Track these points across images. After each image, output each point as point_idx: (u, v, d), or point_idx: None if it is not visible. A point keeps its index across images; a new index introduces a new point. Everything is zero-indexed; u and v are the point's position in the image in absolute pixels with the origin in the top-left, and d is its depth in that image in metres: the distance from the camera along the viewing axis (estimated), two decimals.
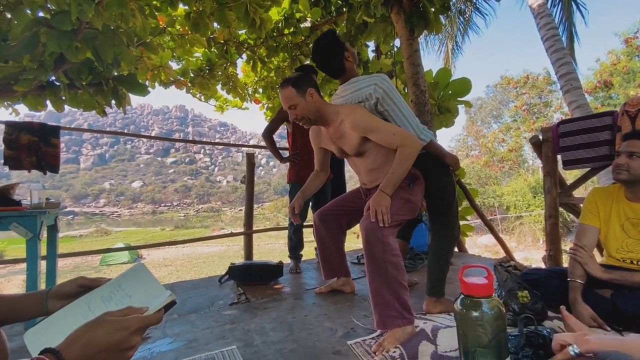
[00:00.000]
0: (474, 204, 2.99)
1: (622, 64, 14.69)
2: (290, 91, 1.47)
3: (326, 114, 1.51)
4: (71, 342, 0.48)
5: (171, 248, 17.56)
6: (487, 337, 0.47)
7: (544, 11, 6.30)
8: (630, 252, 1.39)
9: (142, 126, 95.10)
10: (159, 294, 0.64)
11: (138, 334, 0.53)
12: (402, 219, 1.42)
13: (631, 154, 1.32)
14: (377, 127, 1.40)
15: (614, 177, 1.39)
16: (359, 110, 1.45)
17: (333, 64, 1.59)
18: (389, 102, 1.45)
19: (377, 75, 1.50)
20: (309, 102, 1.48)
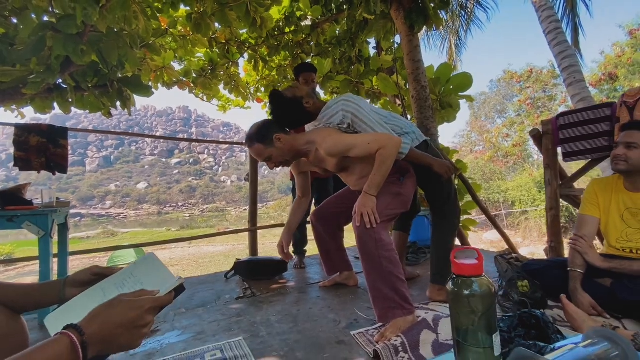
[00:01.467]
0: (477, 199, 3.00)
1: (626, 56, 14.51)
2: (258, 147, 1.46)
3: (300, 147, 1.50)
4: (90, 319, 0.52)
5: (177, 248, 17.72)
6: (478, 313, 0.50)
7: (545, 4, 6.26)
8: (630, 241, 1.41)
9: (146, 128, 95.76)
10: (169, 279, 0.68)
11: (151, 313, 0.56)
12: (394, 213, 1.45)
13: (629, 144, 1.33)
14: (352, 145, 1.37)
15: (613, 168, 1.41)
16: (328, 137, 1.41)
17: (299, 117, 1.55)
18: (359, 124, 1.43)
19: (340, 101, 1.47)
20: (280, 147, 1.46)
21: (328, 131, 1.46)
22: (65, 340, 0.47)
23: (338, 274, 1.99)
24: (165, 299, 0.60)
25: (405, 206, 1.49)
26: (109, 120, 71.90)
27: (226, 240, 19.71)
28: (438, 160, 1.55)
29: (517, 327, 0.71)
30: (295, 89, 1.56)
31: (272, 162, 1.50)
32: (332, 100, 1.52)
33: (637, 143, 1.32)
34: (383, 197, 1.39)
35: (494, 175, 17.66)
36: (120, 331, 0.52)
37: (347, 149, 1.37)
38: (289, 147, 1.48)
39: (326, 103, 1.54)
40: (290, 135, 1.50)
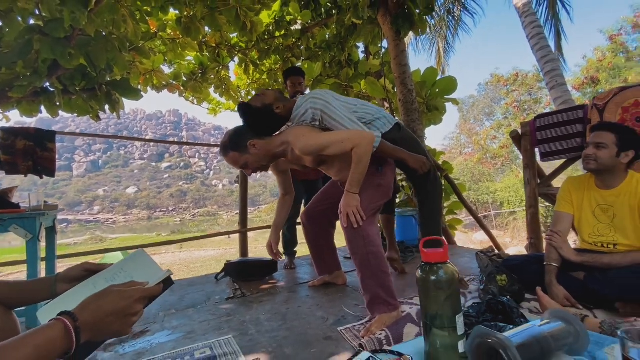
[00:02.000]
0: (463, 199, 3.08)
1: (607, 60, 14.98)
2: (233, 155, 1.46)
3: (275, 150, 1.50)
4: (83, 307, 0.55)
5: (168, 253, 17.49)
6: (443, 297, 0.55)
7: (528, 10, 6.45)
8: (601, 236, 1.48)
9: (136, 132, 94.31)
10: (158, 273, 0.71)
11: (140, 303, 0.60)
12: (378, 205, 1.49)
13: (598, 144, 1.41)
14: (325, 145, 1.37)
15: (584, 167, 1.48)
16: (302, 137, 1.42)
17: (273, 123, 1.54)
18: (329, 120, 1.44)
19: (309, 99, 1.48)
20: (255, 153, 1.46)
21: (301, 130, 1.46)
22: (59, 326, 0.50)
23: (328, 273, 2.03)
24: (155, 290, 0.64)
25: (388, 195, 1.54)
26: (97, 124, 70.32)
27: (218, 244, 19.55)
28: (413, 155, 1.54)
29: (485, 313, 0.76)
30: (263, 96, 1.55)
31: (249, 168, 1.50)
32: (301, 99, 1.52)
33: (606, 143, 1.40)
34: (365, 192, 1.42)
35: (483, 176, 17.96)
36: (111, 319, 0.55)
37: (321, 149, 1.38)
38: (264, 152, 1.48)
39: (296, 102, 1.54)
40: (264, 139, 1.49)
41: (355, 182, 1.37)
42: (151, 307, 1.77)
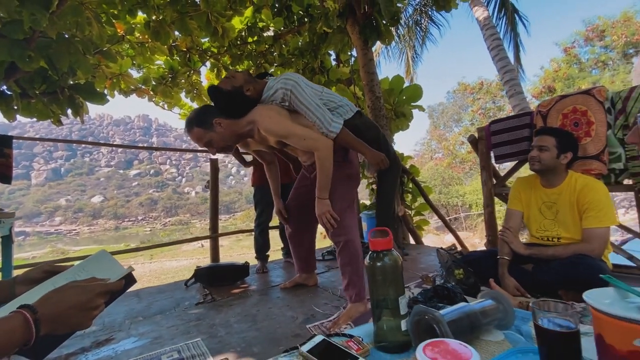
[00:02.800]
0: (429, 200, 3.23)
1: (562, 70, 16.22)
2: (197, 132, 1.45)
3: (242, 130, 1.50)
4: (43, 301, 0.56)
5: (137, 264, 16.69)
6: (387, 280, 0.61)
7: (488, 23, 6.89)
8: (547, 230, 1.63)
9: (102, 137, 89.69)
10: (120, 270, 0.72)
11: (101, 297, 0.61)
12: (352, 195, 1.58)
13: (541, 147, 1.55)
14: (288, 133, 1.42)
15: (530, 168, 1.63)
16: (267, 117, 1.44)
17: (244, 105, 1.53)
18: (297, 103, 1.46)
19: (280, 79, 1.49)
20: (220, 132, 1.46)
21: (268, 110, 1.47)
22: (19, 317, 0.51)
23: (298, 275, 2.07)
24: (116, 285, 0.65)
25: (358, 181, 1.62)
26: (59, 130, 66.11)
27: (191, 254, 18.93)
28: (371, 150, 1.56)
29: (432, 298, 0.84)
30: (232, 78, 1.55)
31: (213, 147, 1.48)
32: (272, 80, 1.53)
33: (547, 146, 1.54)
34: (337, 186, 1.49)
35: (453, 180, 18.69)
36: (72, 312, 0.57)
37: (283, 136, 1.42)
38: (230, 131, 1.47)
39: (266, 83, 1.56)
40: (230, 119, 1.49)
41: (322, 187, 1.44)
42: (116, 315, 1.73)
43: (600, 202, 1.44)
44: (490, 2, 8.17)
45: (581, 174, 1.56)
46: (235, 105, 1.51)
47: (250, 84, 1.55)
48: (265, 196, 2.59)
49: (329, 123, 1.44)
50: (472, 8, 7.71)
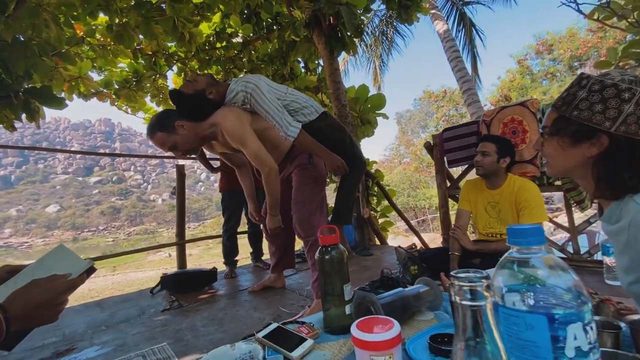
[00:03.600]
0: (392, 203, 3.40)
1: (517, 81, 17.46)
2: (160, 136, 1.44)
3: (205, 132, 1.50)
4: (11, 300, 0.59)
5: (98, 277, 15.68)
6: (334, 270, 0.69)
7: (448, 36, 7.34)
8: (492, 228, 1.80)
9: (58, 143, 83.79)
10: (80, 264, 0.75)
11: (66, 294, 0.65)
12: (320, 197, 1.65)
13: (483, 153, 1.73)
14: (243, 144, 1.45)
15: (476, 172, 1.80)
16: (228, 119, 1.45)
17: (206, 109, 1.53)
18: (257, 106, 1.47)
19: (241, 82, 1.50)
20: (183, 134, 1.45)
21: (230, 111, 1.48)
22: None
23: (267, 277, 2.11)
24: (78, 280, 0.69)
25: (324, 183, 1.69)
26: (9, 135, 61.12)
27: (157, 264, 18.07)
28: (330, 155, 1.55)
29: (378, 288, 0.93)
30: (194, 82, 1.54)
31: (178, 150, 1.48)
32: (234, 82, 1.54)
33: (489, 151, 1.72)
34: (305, 189, 1.58)
35: (420, 183, 19.43)
36: (40, 310, 0.61)
37: (238, 143, 1.45)
38: (193, 134, 1.48)
39: (229, 85, 1.57)
40: (192, 121, 1.49)
41: (272, 206, 1.57)
42: (78, 325, 1.69)
43: (533, 201, 1.63)
44: (450, 16, 8.71)
45: (518, 177, 1.76)
46: (197, 108, 1.52)
47: (212, 87, 1.56)
48: (233, 201, 2.62)
49: (287, 127, 1.45)
50: (433, 22, 8.18)
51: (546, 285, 0.28)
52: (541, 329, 0.27)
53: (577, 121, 0.66)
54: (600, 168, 0.67)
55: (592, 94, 0.64)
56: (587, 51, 14.73)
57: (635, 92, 0.61)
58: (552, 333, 0.26)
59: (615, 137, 0.63)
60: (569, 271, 0.30)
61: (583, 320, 0.26)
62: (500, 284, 0.32)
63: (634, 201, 0.62)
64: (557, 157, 0.73)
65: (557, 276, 0.29)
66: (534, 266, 0.30)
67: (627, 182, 0.63)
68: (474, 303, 0.26)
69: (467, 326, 0.26)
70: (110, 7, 3.01)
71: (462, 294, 0.27)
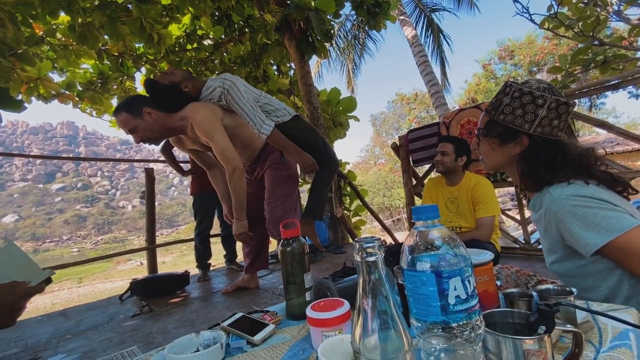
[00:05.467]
0: (364, 202, 3.51)
1: (482, 84, 18.36)
2: (124, 116, 1.43)
3: (173, 125, 1.50)
4: None
5: (62, 290, 14.74)
6: (295, 261, 0.75)
7: (416, 41, 7.64)
8: (451, 222, 1.93)
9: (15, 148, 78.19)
10: (36, 272, 0.76)
11: (25, 300, 0.68)
12: (294, 196, 1.69)
13: (442, 152, 1.85)
14: (212, 139, 1.46)
15: (436, 170, 1.92)
16: (199, 112, 1.45)
17: (179, 101, 1.53)
18: (233, 103, 1.50)
19: (219, 78, 1.54)
20: (148, 121, 1.44)
21: (202, 106, 1.48)
22: None
23: (241, 278, 2.13)
24: (38, 287, 0.72)
25: (297, 181, 1.72)
26: None
27: (128, 273, 17.30)
28: (302, 154, 1.60)
29: (340, 277, 1.00)
30: (171, 74, 1.55)
31: (138, 134, 1.46)
32: (211, 79, 1.57)
33: (447, 151, 1.85)
34: (278, 188, 1.61)
35: (395, 183, 19.92)
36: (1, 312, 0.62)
37: (207, 136, 1.46)
38: (160, 124, 1.47)
39: (205, 82, 1.60)
40: (164, 112, 1.48)
41: (237, 209, 1.54)
42: (41, 335, 1.64)
43: (487, 196, 1.77)
44: (418, 22, 9.06)
45: (474, 174, 1.89)
46: (169, 99, 1.52)
47: (188, 81, 1.57)
48: (205, 204, 2.61)
49: (261, 125, 1.48)
50: (402, 27, 8.48)
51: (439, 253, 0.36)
52: (431, 283, 0.34)
53: (502, 124, 0.76)
54: (523, 164, 0.77)
55: (513, 100, 0.75)
56: (544, 57, 15.79)
57: (547, 98, 0.71)
58: (439, 287, 0.34)
59: (533, 138, 0.74)
60: (457, 242, 0.38)
61: (462, 275, 0.34)
62: (407, 253, 0.39)
63: (549, 192, 0.73)
64: (489, 155, 0.83)
65: (448, 245, 0.37)
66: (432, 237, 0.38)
67: (543, 176, 0.74)
68: (369, 259, 0.34)
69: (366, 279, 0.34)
70: (72, 6, 2.91)
71: (361, 254, 0.35)
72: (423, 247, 0.37)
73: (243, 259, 2.13)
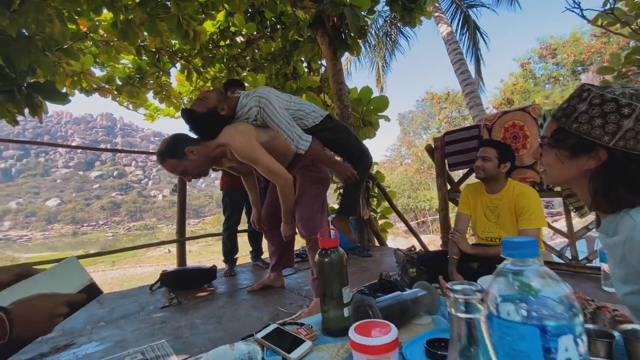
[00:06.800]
0: (392, 205, 3.41)
1: (519, 84, 17.43)
2: (171, 163, 1.45)
3: (214, 154, 1.51)
4: (15, 306, 0.62)
5: (97, 272, 15.74)
6: (333, 273, 0.70)
7: (451, 39, 7.34)
8: (490, 232, 1.81)
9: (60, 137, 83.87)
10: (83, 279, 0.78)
11: (65, 307, 0.69)
12: (323, 198, 1.68)
13: (484, 158, 1.73)
14: (256, 161, 1.47)
15: (475, 177, 1.80)
16: (238, 141, 1.45)
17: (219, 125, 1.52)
18: (269, 121, 1.48)
19: (254, 96, 1.51)
20: (193, 159, 1.46)
21: (238, 132, 1.48)
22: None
23: (267, 276, 2.12)
24: (78, 296, 0.72)
25: (327, 184, 1.72)
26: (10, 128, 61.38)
27: (157, 260, 18.14)
28: (340, 165, 1.59)
29: (377, 291, 0.94)
30: (205, 100, 1.53)
31: (188, 174, 1.49)
32: (244, 96, 1.54)
33: (489, 156, 1.73)
34: (308, 190, 1.61)
35: (421, 185, 19.43)
36: (39, 317, 0.64)
37: (251, 160, 1.49)
38: (203, 157, 1.49)
39: (238, 99, 1.58)
40: (201, 144, 1.49)
41: (286, 213, 1.60)
42: (76, 321, 1.70)
43: (532, 206, 1.64)
44: (454, 19, 8.70)
45: (518, 182, 1.76)
46: (211, 127, 1.52)
47: (223, 102, 1.56)
48: (234, 200, 2.63)
49: (298, 141, 1.46)
50: (437, 24, 8.18)
51: (539, 297, 0.29)
52: (533, 340, 0.27)
53: (576, 134, 0.66)
54: (597, 181, 0.67)
55: (592, 108, 0.64)
56: (591, 56, 14.71)
57: (635, 107, 0.61)
58: (544, 344, 0.27)
59: (613, 152, 0.63)
60: (561, 283, 0.30)
61: (574, 332, 0.27)
62: (495, 294, 0.32)
63: (630, 216, 0.62)
64: (554, 168, 0.73)
65: (550, 287, 0.30)
66: (528, 277, 0.31)
67: (623, 197, 0.63)
68: (468, 316, 0.27)
69: (461, 336, 0.27)
70: (115, 4, 3.02)
71: (457, 306, 0.28)
72: (518, 289, 0.31)
73: (269, 256, 2.12)
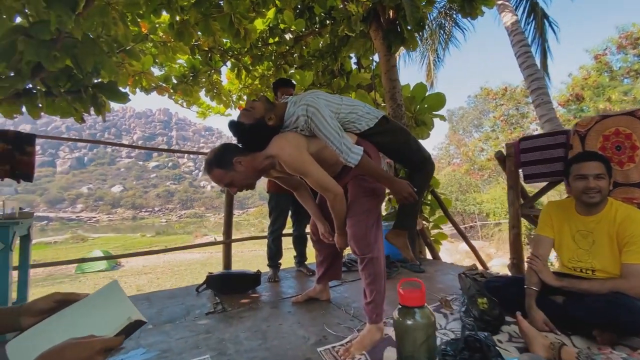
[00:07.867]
0: (448, 214, 3.12)
1: (592, 78, 15.48)
2: (218, 173, 1.40)
3: (262, 165, 1.45)
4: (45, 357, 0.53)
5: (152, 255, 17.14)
6: (419, 341, 0.54)
7: (517, 29, 6.63)
8: (580, 261, 1.51)
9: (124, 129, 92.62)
10: (128, 311, 0.70)
11: (101, 355, 0.59)
12: (377, 210, 1.54)
13: (598, 175, 1.40)
14: (306, 173, 1.39)
15: (587, 201, 1.43)
16: (287, 153, 1.38)
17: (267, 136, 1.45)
18: (317, 131, 1.39)
19: (301, 105, 1.42)
20: (241, 171, 1.41)
21: (287, 143, 1.41)
22: None
23: (312, 287, 2.01)
24: (116, 341, 0.63)
25: (382, 195, 1.59)
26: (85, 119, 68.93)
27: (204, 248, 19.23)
28: (395, 182, 1.45)
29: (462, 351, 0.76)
30: (252, 110, 1.45)
31: (235, 186, 1.44)
32: (292, 105, 1.47)
33: (603, 174, 1.41)
34: (361, 201, 1.49)
35: (470, 187, 18.26)
36: None
37: (301, 173, 1.41)
38: (251, 168, 1.43)
39: (285, 106, 1.49)
40: (249, 155, 1.43)
41: (339, 225, 1.55)
42: None
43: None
44: (520, 7, 7.88)
45: (622, 203, 1.44)
46: (259, 138, 1.45)
47: (270, 112, 1.47)
48: (280, 203, 2.56)
49: (348, 154, 1.35)
50: (500, 13, 7.45)
51: None
52: None
53: None
54: None
55: None
56: None
57: None
58: None
59: None
60: None
61: None
62: None
63: None
64: None
65: None
66: None
67: None
68: None
69: None
70: (172, 5, 3.08)
71: None
72: None
73: (315, 266, 2.01)
